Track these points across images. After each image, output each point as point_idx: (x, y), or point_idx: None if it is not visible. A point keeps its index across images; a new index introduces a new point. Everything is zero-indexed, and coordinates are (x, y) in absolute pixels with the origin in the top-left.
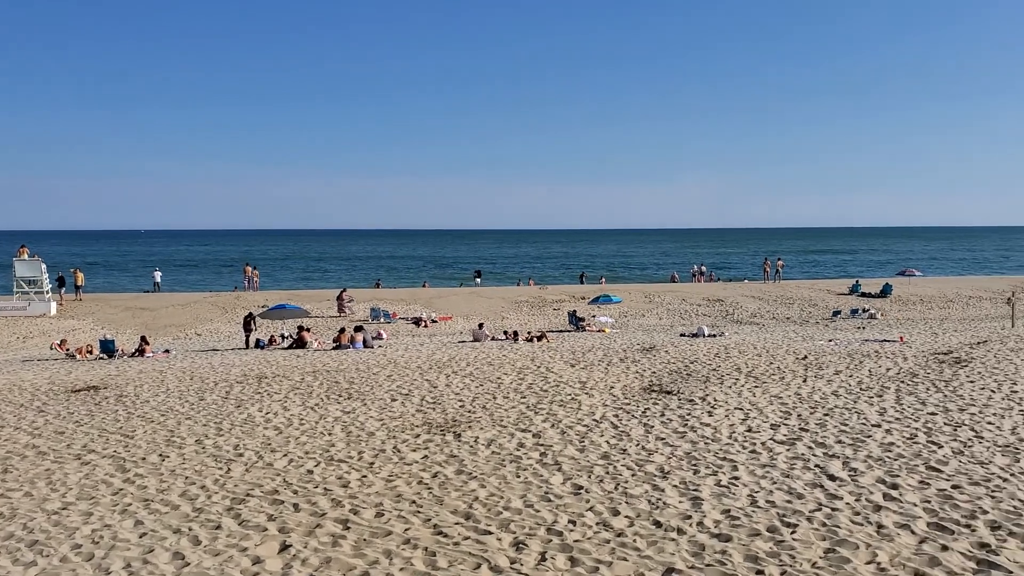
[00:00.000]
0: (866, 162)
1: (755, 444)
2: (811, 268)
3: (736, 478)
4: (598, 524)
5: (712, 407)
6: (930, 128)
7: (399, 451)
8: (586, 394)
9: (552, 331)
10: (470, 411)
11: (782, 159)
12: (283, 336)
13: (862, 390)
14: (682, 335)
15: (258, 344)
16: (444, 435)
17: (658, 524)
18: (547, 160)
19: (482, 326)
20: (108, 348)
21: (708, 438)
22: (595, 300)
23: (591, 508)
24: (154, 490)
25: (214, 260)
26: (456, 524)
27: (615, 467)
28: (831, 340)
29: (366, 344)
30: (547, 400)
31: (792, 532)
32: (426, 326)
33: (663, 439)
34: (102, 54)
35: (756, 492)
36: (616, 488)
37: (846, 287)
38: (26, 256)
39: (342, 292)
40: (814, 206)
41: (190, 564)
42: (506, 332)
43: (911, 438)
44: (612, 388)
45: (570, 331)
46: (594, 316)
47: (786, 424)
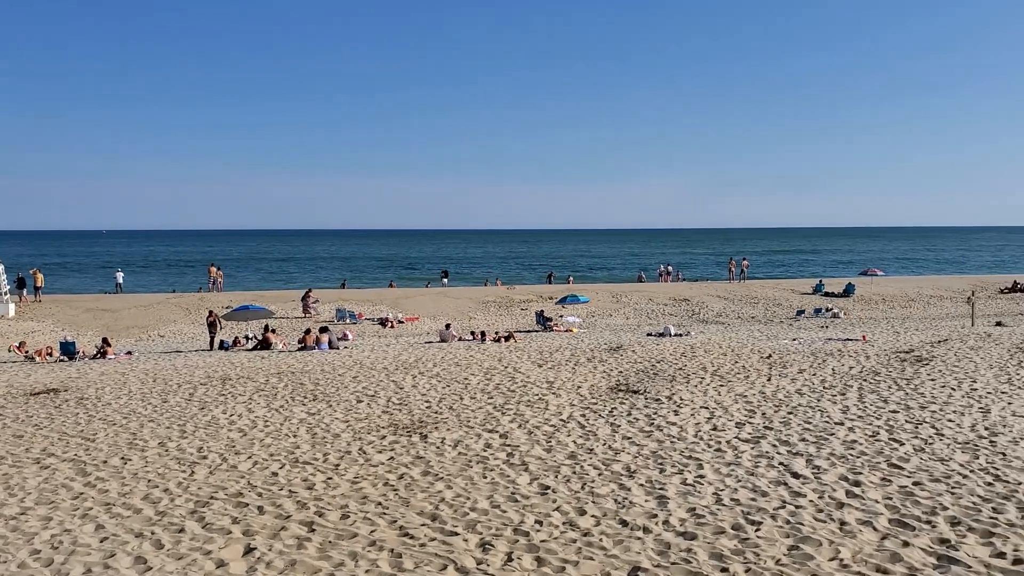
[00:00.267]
0: (830, 163)
1: (720, 442)
2: (775, 268)
3: (702, 476)
4: (564, 524)
5: (678, 406)
6: (894, 129)
7: (365, 453)
8: (553, 394)
9: (520, 331)
10: (436, 412)
11: (746, 159)
12: (248, 337)
13: (825, 388)
14: (649, 335)
15: (222, 345)
16: (410, 436)
17: (624, 523)
18: (514, 160)
19: (449, 327)
20: (69, 350)
21: (674, 437)
22: (562, 300)
23: (558, 508)
24: (116, 494)
25: (177, 260)
26: (422, 525)
27: (582, 467)
28: (795, 339)
29: (331, 345)
30: (514, 400)
31: (756, 530)
32: (392, 327)
33: (630, 438)
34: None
35: (721, 490)
36: (583, 488)
37: (810, 287)
38: None
39: (307, 293)
40: (778, 207)
41: (152, 568)
42: (473, 332)
43: (873, 436)
44: (579, 388)
45: (538, 331)
46: (561, 316)
47: (751, 422)
